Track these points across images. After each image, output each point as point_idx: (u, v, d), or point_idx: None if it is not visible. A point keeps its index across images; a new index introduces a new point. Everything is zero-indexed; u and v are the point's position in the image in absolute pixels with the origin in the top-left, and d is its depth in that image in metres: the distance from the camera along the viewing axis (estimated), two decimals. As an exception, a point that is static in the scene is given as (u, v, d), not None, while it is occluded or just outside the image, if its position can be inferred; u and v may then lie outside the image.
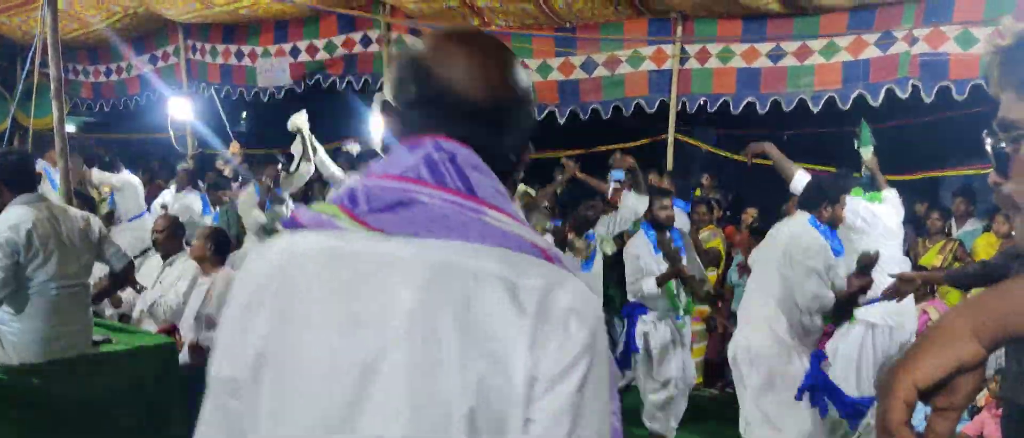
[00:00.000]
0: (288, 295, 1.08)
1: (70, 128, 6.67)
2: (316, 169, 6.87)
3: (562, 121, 7.67)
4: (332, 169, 7.00)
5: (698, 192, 8.34)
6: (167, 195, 8.71)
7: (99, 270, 4.50)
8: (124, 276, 4.49)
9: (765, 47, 6.62)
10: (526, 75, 1.19)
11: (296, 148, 7.29)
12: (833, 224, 4.23)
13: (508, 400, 1.01)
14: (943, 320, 0.99)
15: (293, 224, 1.14)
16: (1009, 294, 0.99)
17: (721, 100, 6.87)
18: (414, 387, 1.01)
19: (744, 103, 6.76)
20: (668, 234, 5.31)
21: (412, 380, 1.01)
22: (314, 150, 7.11)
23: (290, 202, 6.60)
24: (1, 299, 3.76)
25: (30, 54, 5.51)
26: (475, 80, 1.12)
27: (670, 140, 7.06)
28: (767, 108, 6.70)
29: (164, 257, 5.52)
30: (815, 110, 6.44)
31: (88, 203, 6.54)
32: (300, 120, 6.78)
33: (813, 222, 4.17)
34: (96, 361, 4.10)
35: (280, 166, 7.31)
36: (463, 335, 1.01)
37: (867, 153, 5.15)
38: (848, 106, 6.40)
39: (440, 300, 1.02)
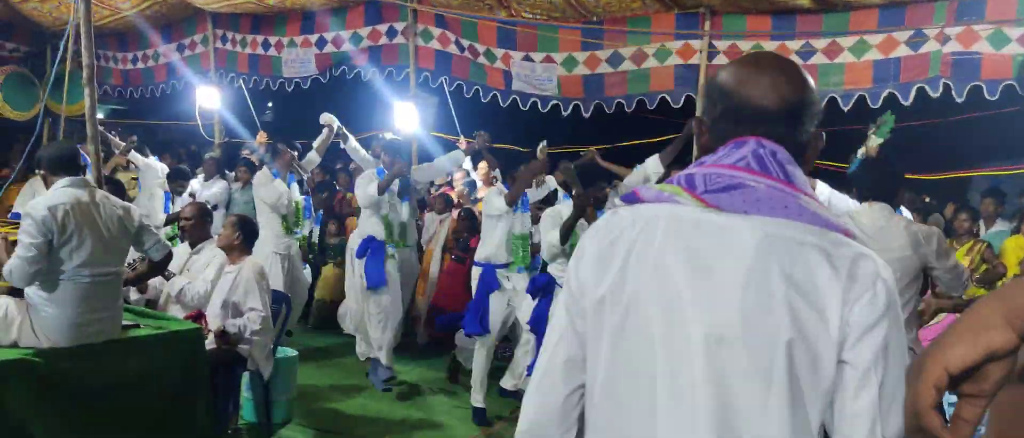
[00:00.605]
0: (644, 246, 1.43)
1: (98, 115, 6.73)
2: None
3: (587, 115, 7.66)
4: (363, 154, 7.35)
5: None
6: (195, 184, 8.80)
7: (132, 252, 4.55)
8: (163, 265, 4.57)
9: (795, 45, 6.56)
10: (809, 82, 1.50)
11: (317, 141, 7.57)
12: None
13: (822, 341, 1.29)
14: (975, 307, 1.03)
15: (633, 199, 1.52)
16: None
17: (750, 97, 6.83)
18: (748, 319, 1.32)
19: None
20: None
21: (747, 314, 1.32)
22: (346, 138, 7.32)
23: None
24: (32, 277, 3.82)
25: (63, 41, 5.57)
26: (768, 93, 1.45)
27: (696, 135, 7.01)
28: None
29: (192, 245, 5.60)
30: (845, 109, 6.39)
31: (118, 189, 6.62)
32: (330, 118, 7.39)
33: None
34: (125, 346, 4.15)
35: (296, 154, 7.55)
36: (788, 285, 1.31)
37: (874, 143, 5.06)
38: (879, 105, 6.35)
39: (770, 259, 1.32)
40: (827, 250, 1.33)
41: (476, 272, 6.25)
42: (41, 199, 3.86)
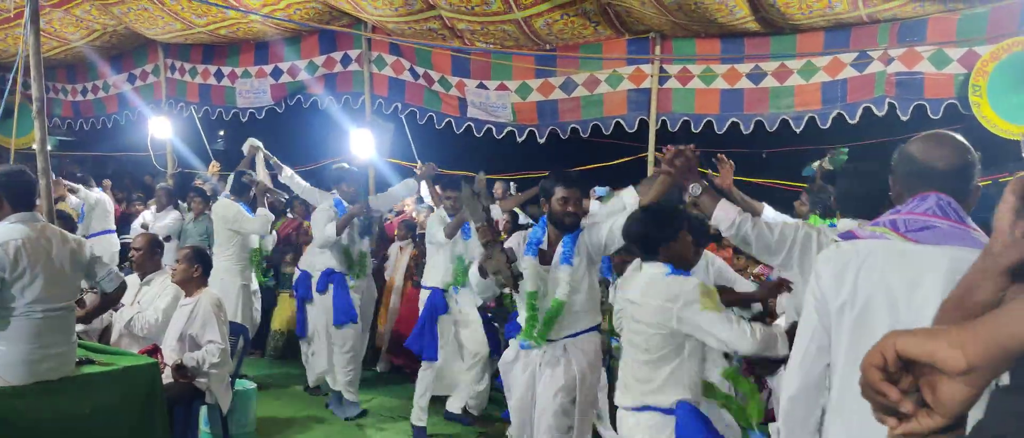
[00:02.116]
0: (870, 268, 2.08)
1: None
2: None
3: (542, 141, 7.74)
4: (303, 185, 7.15)
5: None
6: (147, 214, 8.69)
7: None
8: (116, 297, 4.50)
9: (745, 68, 6.71)
10: (971, 151, 2.17)
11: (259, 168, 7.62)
12: None
13: None
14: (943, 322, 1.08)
15: (850, 236, 2.20)
16: (1006, 313, 1.01)
17: (705, 120, 6.95)
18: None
19: (728, 123, 6.85)
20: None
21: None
22: (280, 169, 7.26)
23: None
24: None
25: (12, 74, 5.49)
26: (945, 160, 2.13)
27: (650, 159, 7.11)
28: (751, 128, 6.80)
29: (141, 276, 5.53)
30: (797, 131, 6.54)
31: (67, 222, 6.52)
32: (254, 143, 7.63)
33: None
34: (80, 383, 4.07)
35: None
36: None
37: (828, 167, 5.20)
38: (828, 125, 6.51)
39: (957, 276, 1.49)
40: None
41: (424, 295, 6.27)
42: None
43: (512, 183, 9.87)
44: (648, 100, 7.13)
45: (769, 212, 4.64)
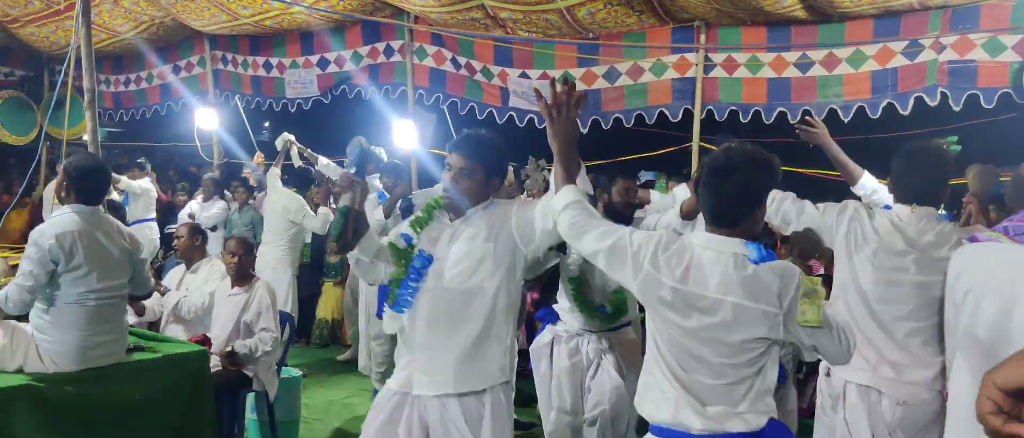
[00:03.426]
0: (988, 266, 1.94)
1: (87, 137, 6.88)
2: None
3: (584, 130, 7.68)
4: (339, 172, 7.17)
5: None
6: (194, 204, 8.81)
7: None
8: (139, 299, 4.60)
9: (792, 56, 6.59)
10: None
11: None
12: None
13: None
14: None
15: (973, 240, 2.12)
16: None
17: (752, 110, 6.85)
18: None
19: (775, 113, 6.75)
20: None
21: None
22: (315, 159, 7.32)
23: None
24: (28, 306, 3.82)
25: (64, 65, 5.58)
26: None
27: (695, 148, 7.05)
28: (798, 118, 6.67)
29: (187, 265, 5.61)
30: (846, 120, 6.42)
31: (117, 212, 6.63)
32: (287, 137, 7.64)
33: None
34: (130, 369, 4.14)
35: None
36: None
37: None
38: (878, 115, 6.39)
39: None
40: None
41: None
42: (48, 226, 3.84)
43: (550, 172, 9.83)
44: (693, 89, 7.05)
45: (869, 181, 4.47)
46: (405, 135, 7.89)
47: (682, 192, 5.47)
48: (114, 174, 8.98)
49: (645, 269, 2.50)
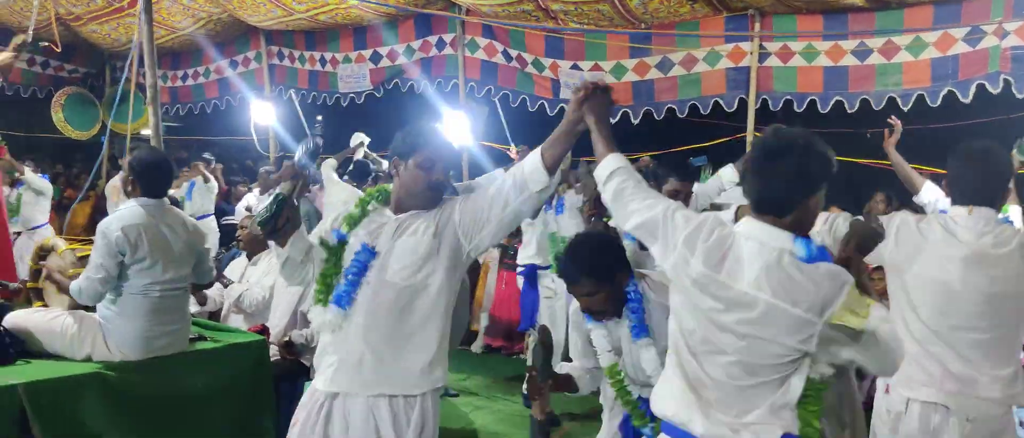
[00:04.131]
0: None
1: (148, 132, 7.07)
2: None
3: (636, 121, 7.65)
4: None
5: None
6: (251, 197, 8.96)
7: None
8: (203, 288, 4.69)
9: (849, 44, 6.50)
10: None
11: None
12: None
13: None
14: None
15: None
16: None
17: (808, 99, 6.76)
18: None
19: (832, 102, 6.65)
20: None
21: None
22: (378, 163, 7.38)
23: None
24: (101, 297, 3.94)
25: (126, 62, 5.73)
26: None
27: (749, 139, 6.98)
28: (856, 107, 6.59)
29: (249, 256, 5.71)
30: (905, 109, 6.31)
31: (176, 206, 6.78)
32: (361, 136, 7.56)
33: None
34: (193, 358, 4.23)
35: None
36: None
37: (1017, 160, 4.49)
38: (938, 103, 6.26)
39: None
40: None
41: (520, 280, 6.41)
42: (114, 219, 3.95)
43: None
44: (747, 79, 6.98)
45: (930, 191, 4.30)
46: (457, 128, 7.93)
47: (729, 173, 5.42)
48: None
49: (679, 249, 2.31)
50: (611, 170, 2.53)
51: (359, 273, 2.82)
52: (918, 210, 4.03)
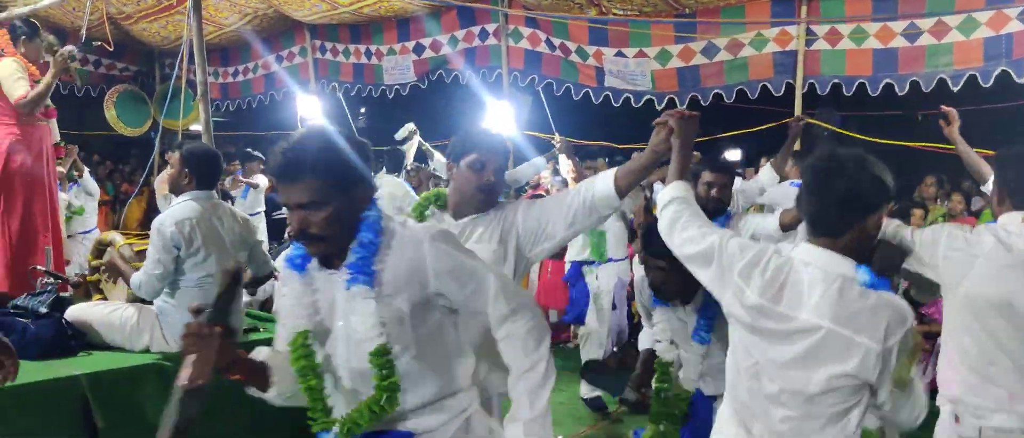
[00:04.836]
0: None
1: (197, 128, 7.21)
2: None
3: (683, 108, 7.57)
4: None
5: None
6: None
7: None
8: (263, 281, 4.77)
9: (899, 26, 6.37)
10: None
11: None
12: None
13: None
14: None
15: None
16: None
17: (857, 82, 6.66)
18: None
19: (882, 85, 6.53)
20: None
21: None
22: (431, 155, 7.41)
23: None
24: (160, 291, 4.04)
25: (176, 59, 5.83)
26: None
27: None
28: (905, 89, 6.48)
29: (299, 250, 5.78)
30: (955, 90, 6.19)
31: (228, 201, 6.91)
32: (413, 128, 7.50)
33: None
34: (248, 349, 4.31)
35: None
36: None
37: None
38: (990, 84, 6.12)
39: None
40: None
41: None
42: (168, 214, 4.04)
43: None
44: (794, 63, 6.89)
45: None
46: (501, 118, 7.94)
47: (767, 174, 5.36)
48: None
49: (734, 281, 2.26)
50: (672, 197, 2.54)
51: None
52: (981, 197, 3.90)
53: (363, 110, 17.12)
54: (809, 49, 6.82)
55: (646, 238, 2.94)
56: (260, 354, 2.39)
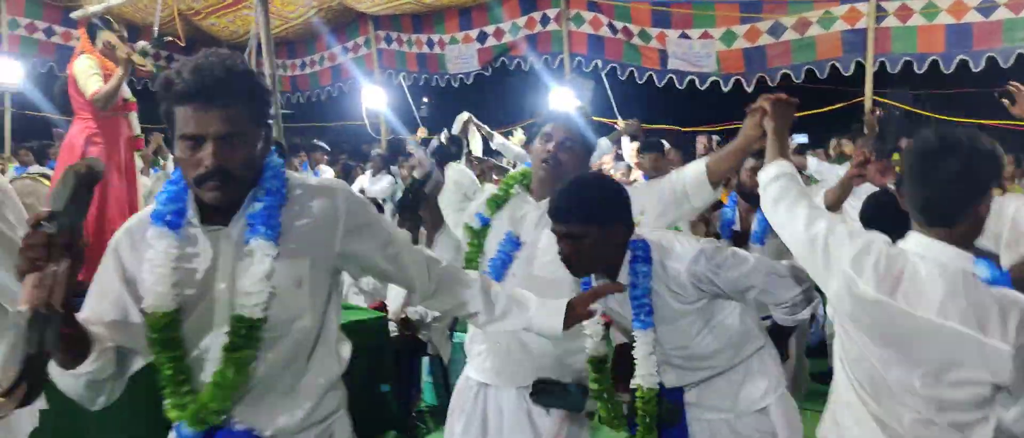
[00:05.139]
0: None
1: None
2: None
3: (750, 89, 7.48)
4: (516, 150, 7.21)
5: (896, 156, 7.91)
6: (363, 179, 9.19)
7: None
8: None
9: (974, 1, 6.18)
10: None
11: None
12: None
13: None
14: None
15: None
16: None
17: (929, 59, 6.48)
18: None
19: (956, 62, 6.35)
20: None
21: None
22: (491, 136, 7.41)
23: None
24: None
25: (244, 53, 5.94)
26: None
27: (867, 104, 6.73)
28: (982, 65, 6.27)
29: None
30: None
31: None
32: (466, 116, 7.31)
33: None
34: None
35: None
36: None
37: None
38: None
39: None
40: None
41: None
42: None
43: (715, 136, 9.63)
44: (864, 41, 6.73)
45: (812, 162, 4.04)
46: (563, 103, 7.93)
47: (813, 164, 5.22)
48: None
49: (844, 272, 2.02)
50: (778, 173, 2.36)
51: (504, 264, 2.68)
52: None
53: (425, 100, 17.24)
54: (879, 26, 6.65)
55: (553, 209, 2.41)
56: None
